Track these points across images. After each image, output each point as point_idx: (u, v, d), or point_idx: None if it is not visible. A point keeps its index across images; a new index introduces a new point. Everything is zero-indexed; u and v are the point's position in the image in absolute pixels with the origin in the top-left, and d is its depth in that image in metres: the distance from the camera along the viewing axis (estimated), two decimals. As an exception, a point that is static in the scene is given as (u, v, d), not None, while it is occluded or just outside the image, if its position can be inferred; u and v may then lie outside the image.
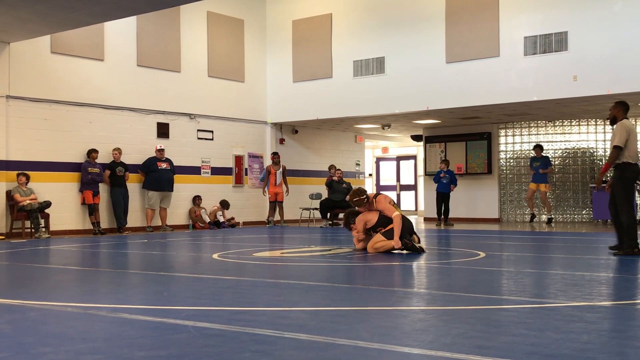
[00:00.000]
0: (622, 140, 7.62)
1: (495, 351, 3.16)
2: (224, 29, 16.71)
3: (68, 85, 13.51)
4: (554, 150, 17.12)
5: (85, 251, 9.84)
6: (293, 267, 7.30)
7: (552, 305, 4.47)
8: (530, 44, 13.57)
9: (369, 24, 15.92)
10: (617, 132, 7.67)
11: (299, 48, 17.07)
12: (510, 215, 17.62)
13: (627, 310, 4.23)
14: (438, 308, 4.46)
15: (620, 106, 7.91)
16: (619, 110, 7.87)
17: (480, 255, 8.03)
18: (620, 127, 7.67)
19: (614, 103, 8.06)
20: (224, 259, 8.02)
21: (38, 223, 12.35)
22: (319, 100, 16.68)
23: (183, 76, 15.72)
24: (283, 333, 3.58)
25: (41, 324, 3.97)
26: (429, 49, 14.88)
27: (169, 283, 5.94)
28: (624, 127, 7.66)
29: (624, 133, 7.62)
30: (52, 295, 5.21)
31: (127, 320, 4.06)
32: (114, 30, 14.23)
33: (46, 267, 7.75)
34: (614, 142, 7.68)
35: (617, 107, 7.91)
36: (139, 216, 14.70)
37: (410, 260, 7.61)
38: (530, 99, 13.68)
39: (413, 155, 25.32)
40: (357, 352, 3.21)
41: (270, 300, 4.87)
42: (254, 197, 17.34)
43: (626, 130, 7.64)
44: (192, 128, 15.91)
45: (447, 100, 14.71)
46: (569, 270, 6.58)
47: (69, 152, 13.48)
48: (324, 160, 19.46)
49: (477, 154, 17.86)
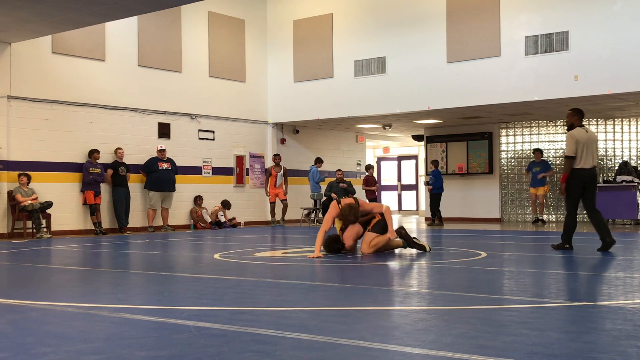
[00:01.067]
0: (572, 150, 8.18)
1: (497, 351, 3.15)
2: (225, 29, 16.72)
3: (69, 86, 13.52)
4: (554, 150, 17.11)
5: (86, 251, 9.84)
6: (294, 267, 7.30)
7: (553, 305, 4.47)
8: (531, 44, 13.56)
9: (370, 24, 15.91)
10: (567, 143, 8.26)
11: (299, 48, 17.07)
12: (512, 215, 17.61)
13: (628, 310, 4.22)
14: (439, 308, 4.46)
15: (577, 114, 8.40)
16: (576, 118, 8.38)
17: (481, 255, 8.03)
18: (569, 138, 8.24)
19: (570, 110, 8.51)
20: (225, 259, 8.02)
21: (39, 223, 12.36)
22: (320, 100, 16.68)
23: (184, 76, 15.73)
24: (284, 333, 3.58)
25: (42, 324, 3.97)
26: (430, 49, 14.88)
27: (170, 283, 5.94)
28: (573, 137, 8.21)
29: (573, 143, 8.18)
30: (53, 296, 5.21)
31: (128, 321, 4.06)
32: (115, 31, 14.23)
33: (47, 267, 7.76)
34: (566, 153, 8.26)
35: (573, 115, 8.41)
36: (140, 216, 14.70)
37: (410, 260, 7.61)
38: (531, 99, 13.68)
39: (414, 155, 25.32)
40: (359, 352, 3.21)
41: (272, 300, 4.87)
42: (255, 197, 17.35)
43: (575, 139, 8.19)
44: (193, 128, 15.92)
45: (448, 100, 14.71)
46: (570, 269, 6.57)
47: (70, 152, 13.48)
48: (326, 160, 19.43)
49: (478, 154, 17.85)
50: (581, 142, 8.22)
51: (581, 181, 8.25)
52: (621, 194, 14.99)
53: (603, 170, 16.75)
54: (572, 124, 8.39)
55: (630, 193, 14.93)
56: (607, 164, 16.79)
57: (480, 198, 17.90)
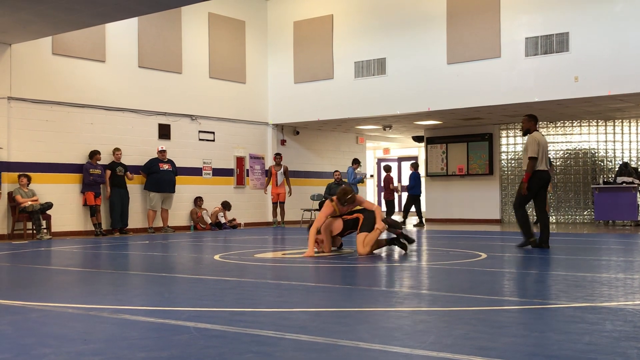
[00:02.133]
0: (535, 151, 8.63)
1: (497, 352, 3.15)
2: (225, 30, 16.72)
3: (69, 87, 13.52)
4: (555, 152, 17.11)
5: (86, 252, 9.85)
6: (294, 268, 7.30)
7: (553, 307, 4.47)
8: (532, 45, 13.56)
9: (370, 25, 15.92)
10: (530, 144, 8.66)
11: (300, 49, 17.07)
12: (512, 216, 17.60)
13: (628, 311, 4.23)
14: (439, 309, 4.46)
15: (533, 119, 8.93)
16: (532, 124, 8.91)
17: (481, 256, 8.03)
18: (532, 140, 8.68)
19: (526, 116, 9.01)
20: (226, 260, 8.02)
21: (40, 224, 12.36)
22: (320, 101, 16.69)
23: (184, 77, 15.73)
24: (284, 334, 3.58)
25: (42, 325, 3.97)
26: (430, 50, 14.88)
27: (171, 284, 5.94)
28: (535, 140, 8.66)
29: (536, 145, 8.62)
30: (54, 297, 5.21)
31: (129, 322, 4.06)
32: (115, 32, 14.24)
33: (48, 268, 7.76)
34: (527, 154, 8.66)
35: (529, 120, 8.92)
36: (140, 217, 14.70)
37: (411, 261, 7.61)
38: (531, 100, 13.68)
39: (414, 156, 25.32)
40: (359, 353, 3.21)
41: (272, 301, 4.87)
42: (256, 198, 17.35)
43: (537, 142, 8.65)
44: (193, 129, 15.92)
45: (448, 101, 14.72)
46: (570, 271, 6.58)
47: (71, 153, 13.49)
48: (325, 161, 19.47)
49: (479, 155, 17.86)
50: (541, 145, 8.69)
51: (540, 182, 8.72)
52: (621, 195, 14.99)
53: (603, 172, 16.76)
54: (528, 129, 8.89)
55: (631, 194, 14.93)
56: (607, 165, 16.79)
57: (481, 199, 17.90)
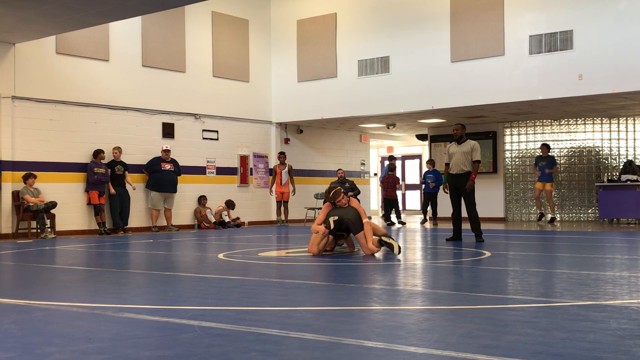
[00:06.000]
0: (480, 156, 10.06)
1: (501, 350, 3.15)
2: (228, 29, 16.73)
3: (73, 86, 13.55)
4: (559, 150, 17.08)
5: (90, 251, 9.86)
6: (298, 266, 7.30)
7: (558, 305, 4.46)
8: (536, 43, 13.54)
9: (374, 24, 15.91)
10: (476, 149, 9.92)
11: (303, 48, 17.07)
12: (516, 214, 17.59)
13: (633, 310, 4.22)
14: (444, 307, 4.45)
15: (464, 128, 10.21)
16: (464, 131, 10.15)
17: (485, 255, 8.02)
18: (478, 146, 9.99)
19: (459, 125, 10.13)
20: (230, 258, 8.03)
21: (44, 223, 12.39)
22: (324, 99, 16.68)
23: (188, 76, 15.75)
24: (288, 333, 3.58)
25: (47, 324, 3.98)
26: (434, 48, 14.86)
27: (175, 283, 5.95)
28: (478, 146, 10.01)
29: (479, 150, 9.98)
30: (58, 296, 5.22)
31: (133, 320, 4.07)
32: (119, 31, 14.26)
33: (52, 267, 7.77)
34: (475, 157, 9.89)
35: (463, 128, 10.13)
36: (144, 216, 14.72)
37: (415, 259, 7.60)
38: (535, 98, 13.66)
39: (418, 154, 25.30)
40: (363, 351, 3.21)
41: (276, 300, 4.87)
42: (259, 197, 17.36)
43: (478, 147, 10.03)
44: (197, 128, 15.93)
45: (452, 100, 14.70)
46: (574, 269, 6.57)
47: (75, 152, 13.51)
48: (329, 159, 19.46)
49: (483, 153, 17.78)
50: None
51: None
52: (626, 193, 14.96)
53: (607, 170, 16.72)
54: (461, 136, 10.02)
55: (635, 192, 14.90)
56: (612, 163, 16.76)
57: (485, 197, 17.82)
